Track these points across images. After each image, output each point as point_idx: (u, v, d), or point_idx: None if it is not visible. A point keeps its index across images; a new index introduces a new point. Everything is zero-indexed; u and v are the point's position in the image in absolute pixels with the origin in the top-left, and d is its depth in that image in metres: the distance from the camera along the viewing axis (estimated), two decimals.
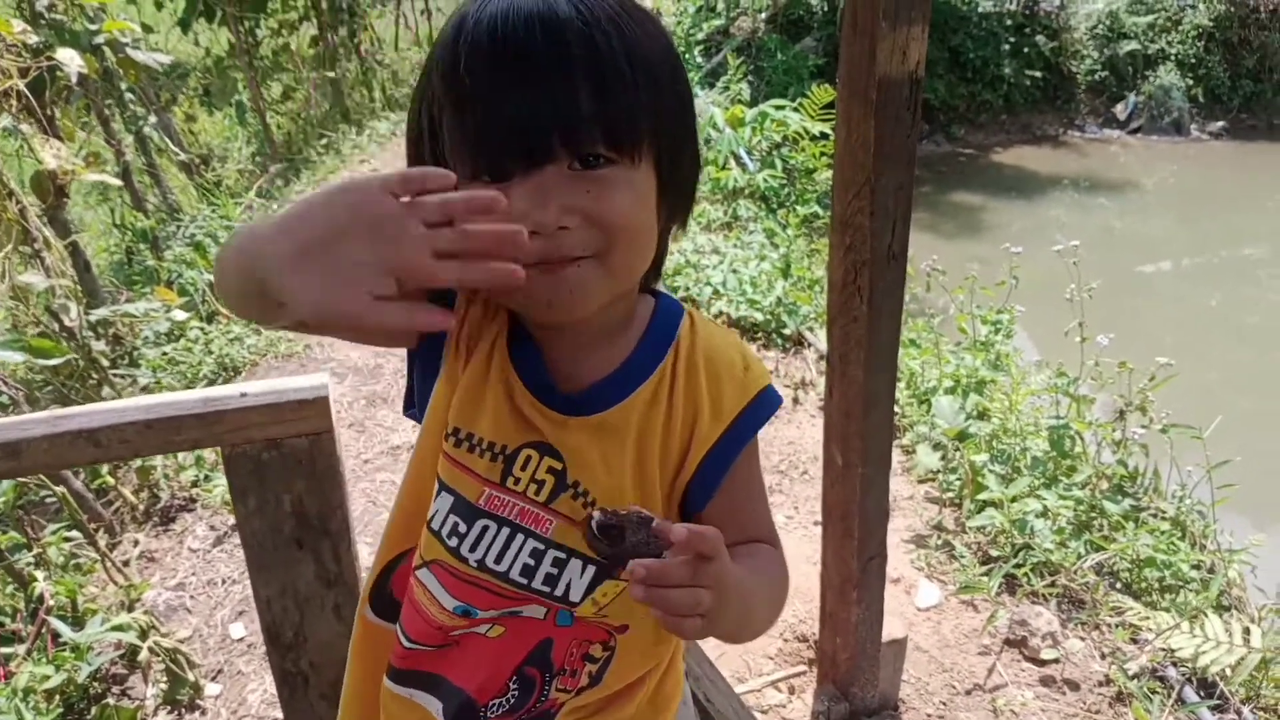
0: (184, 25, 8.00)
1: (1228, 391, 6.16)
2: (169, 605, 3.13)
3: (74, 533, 3.17)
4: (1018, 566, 3.04)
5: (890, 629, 2.51)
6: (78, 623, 2.89)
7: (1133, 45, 13.11)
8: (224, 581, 3.20)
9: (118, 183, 4.65)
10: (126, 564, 3.31)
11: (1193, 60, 13.06)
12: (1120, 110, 13.12)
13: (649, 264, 1.01)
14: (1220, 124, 12.97)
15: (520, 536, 1.04)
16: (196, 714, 2.72)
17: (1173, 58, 13.06)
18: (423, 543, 1.09)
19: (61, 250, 4.54)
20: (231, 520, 3.45)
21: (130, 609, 3.10)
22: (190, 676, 2.77)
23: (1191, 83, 12.98)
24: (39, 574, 2.92)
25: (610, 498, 1.01)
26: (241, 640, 2.95)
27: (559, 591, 1.04)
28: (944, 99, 12.52)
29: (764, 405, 1.08)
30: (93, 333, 4.44)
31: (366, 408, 4.18)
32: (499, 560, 1.04)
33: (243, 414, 1.63)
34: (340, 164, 8.30)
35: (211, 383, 4.46)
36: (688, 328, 1.08)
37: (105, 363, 4.28)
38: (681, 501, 1.08)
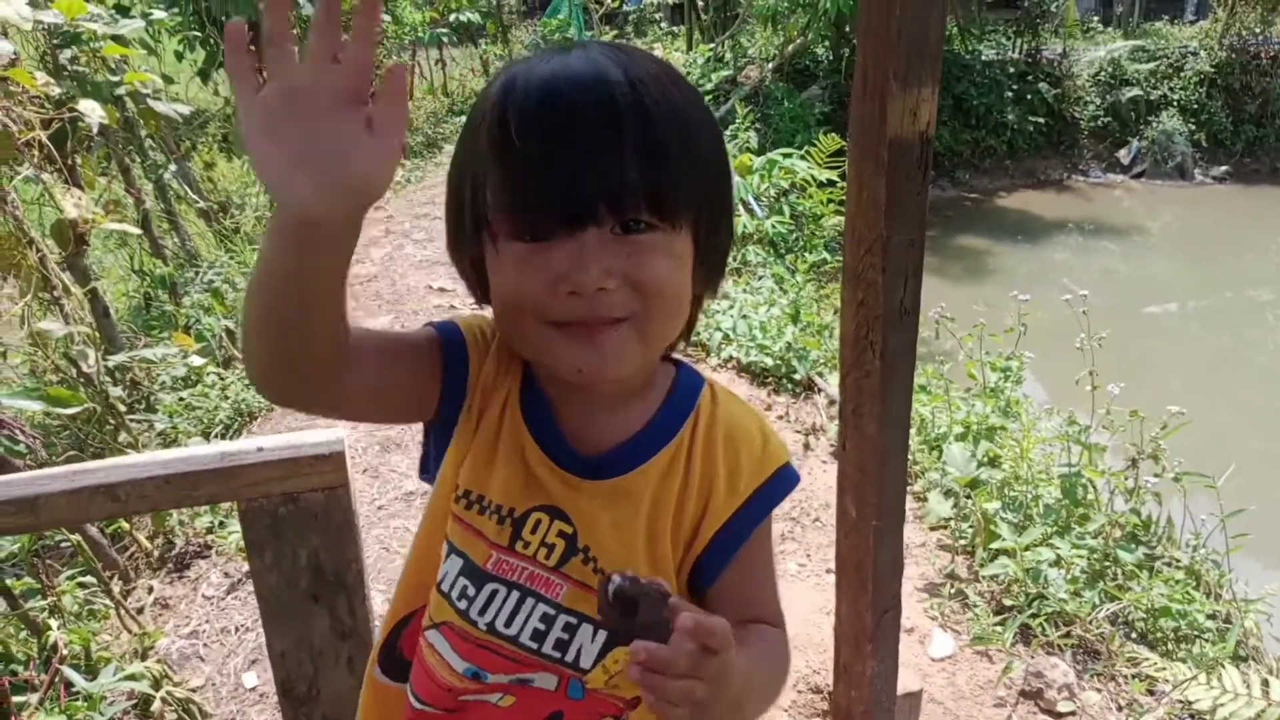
0: (203, 76, 8.14)
1: (1237, 433, 6.16)
2: (182, 653, 3.14)
3: (89, 578, 3.19)
4: (1033, 616, 3.04)
5: (905, 682, 2.50)
6: (91, 671, 2.89)
7: (1135, 91, 13.25)
8: (237, 629, 3.20)
9: (136, 231, 4.71)
10: (140, 611, 3.32)
11: (1195, 106, 13.18)
12: (1124, 155, 13.22)
13: (680, 331, 1.02)
14: (1224, 168, 13.05)
15: (530, 601, 1.03)
16: None
17: (1175, 103, 13.18)
18: (432, 604, 1.09)
19: (80, 297, 4.60)
20: (245, 567, 3.46)
21: (144, 657, 3.10)
22: None
23: (1194, 128, 13.09)
24: (53, 622, 2.93)
25: (620, 566, 0.98)
26: (254, 690, 2.95)
27: (570, 657, 1.03)
28: (949, 145, 12.63)
29: (781, 483, 1.08)
30: (110, 378, 4.49)
31: (380, 453, 4.21)
32: (509, 624, 1.03)
33: (260, 469, 1.64)
34: None
35: (228, 429, 4.49)
36: (708, 398, 1.09)
37: (122, 408, 4.32)
38: (691, 575, 1.07)
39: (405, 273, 6.57)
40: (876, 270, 2.00)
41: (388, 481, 3.97)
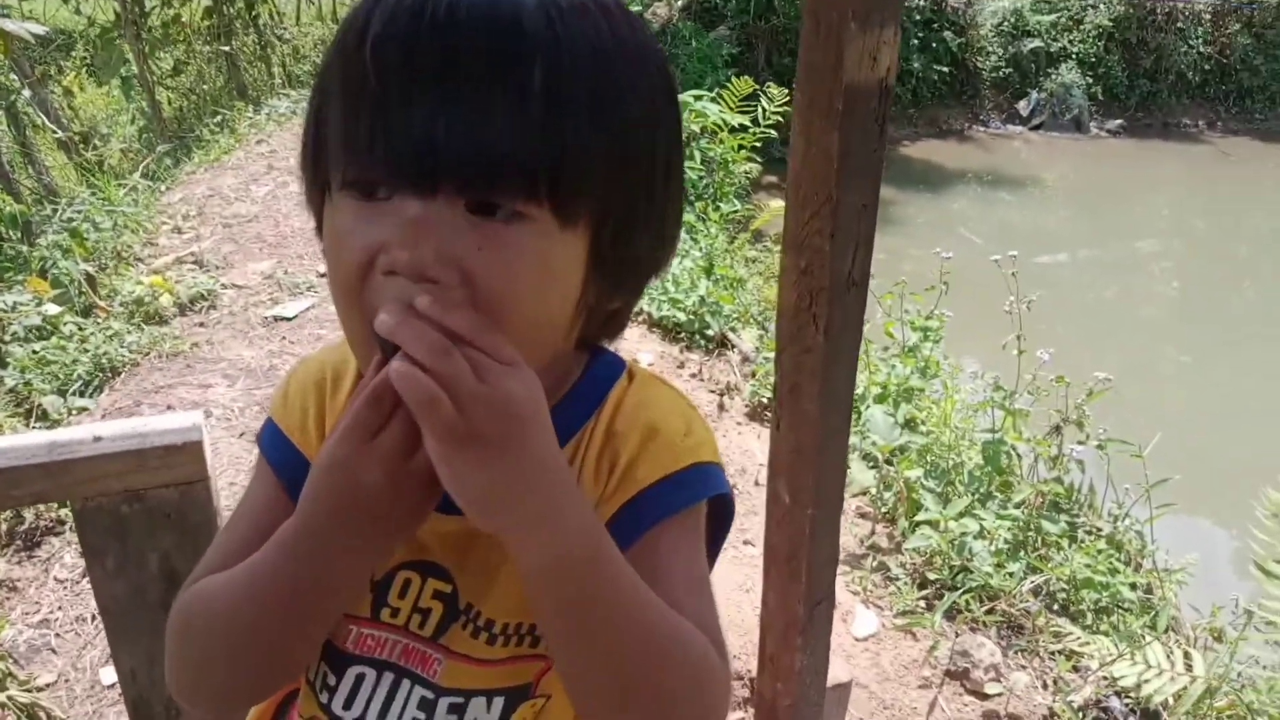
0: None
1: (1123, 382, 6.25)
2: (31, 645, 2.80)
3: None
4: (956, 591, 2.93)
5: (834, 672, 2.35)
6: None
7: (1036, 43, 13.36)
8: (94, 618, 2.87)
9: None
10: None
11: (1093, 59, 13.38)
12: (1023, 107, 13.37)
13: (548, 350, 0.77)
14: (1118, 122, 13.32)
15: (405, 684, 0.84)
16: None
17: (1074, 56, 13.34)
18: (301, 695, 0.89)
19: None
20: None
21: None
22: None
23: (1091, 81, 13.29)
24: None
25: (518, 620, 0.83)
26: (113, 687, 2.64)
27: None
28: None
29: (695, 483, 0.83)
30: None
31: (259, 415, 3.85)
32: (382, 717, 0.84)
33: (97, 462, 1.40)
34: (235, 143, 7.83)
35: (87, 385, 4.08)
36: (621, 389, 0.87)
37: None
38: None
39: (289, 213, 6.12)
40: (823, 236, 1.77)
41: None
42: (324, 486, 0.72)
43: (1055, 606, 3.03)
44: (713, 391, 4.16)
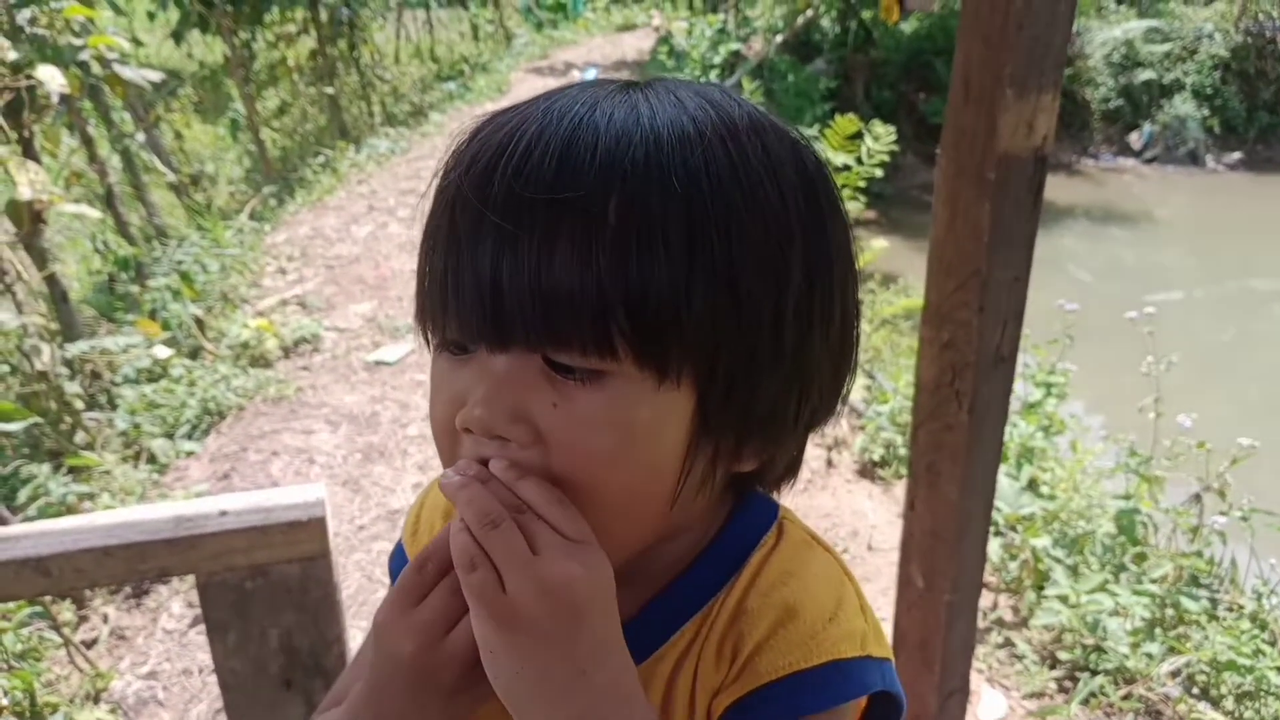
0: (177, 38, 7.70)
1: (1237, 427, 5.90)
2: (139, 697, 2.80)
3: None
4: (1090, 673, 2.73)
5: None
6: (36, 717, 2.57)
7: (1149, 74, 12.91)
8: (200, 671, 2.86)
9: (97, 214, 4.32)
10: (93, 644, 2.98)
11: (1209, 91, 12.85)
12: (1135, 139, 12.90)
13: (645, 521, 0.67)
14: (1236, 155, 12.73)
15: None
16: None
17: (1189, 87, 12.84)
18: None
19: (37, 283, 4.22)
20: None
21: (96, 700, 2.78)
22: None
23: (1208, 113, 12.75)
24: None
25: None
26: None
27: None
28: None
29: (836, 682, 0.68)
30: (69, 370, 4.12)
31: (363, 463, 3.85)
32: None
33: (222, 538, 1.39)
34: (337, 183, 7.97)
35: (194, 428, 4.13)
36: (764, 554, 0.73)
37: (80, 405, 3.96)
38: None
39: (389, 254, 6.18)
40: (970, 310, 1.66)
41: (370, 496, 3.61)
42: (373, 651, 0.68)
43: (1195, 690, 2.81)
44: (819, 445, 4.02)
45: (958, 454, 1.76)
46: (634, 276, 0.57)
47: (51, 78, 4.08)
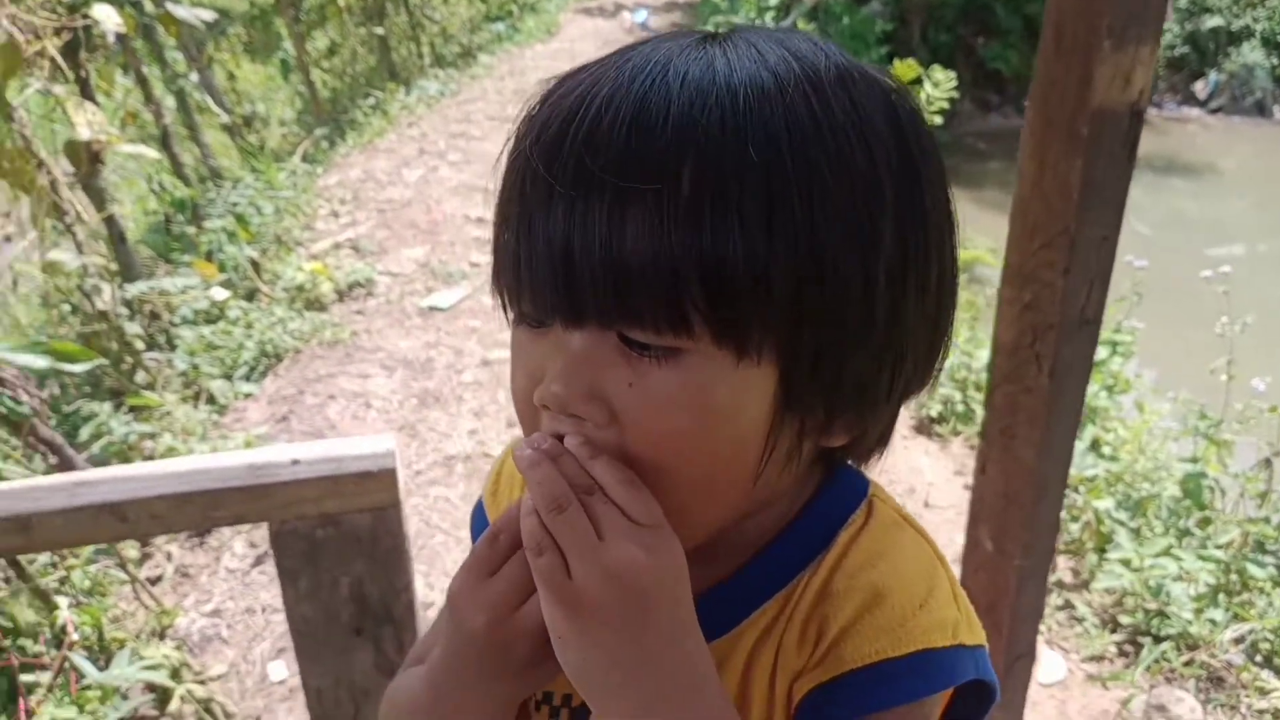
0: None
1: None
2: (203, 634, 2.87)
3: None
4: (1154, 639, 2.69)
5: None
6: (104, 651, 2.64)
7: (1216, 21, 12.44)
8: (263, 610, 2.92)
9: (155, 155, 4.35)
10: (158, 581, 3.05)
11: (1279, 39, 12.38)
12: (1200, 88, 12.49)
13: (725, 501, 0.64)
14: None
15: None
16: None
17: (1258, 35, 12.37)
18: None
19: (95, 223, 4.26)
20: None
21: (161, 636, 2.85)
22: None
23: (1277, 62, 12.30)
24: (62, 600, 2.65)
25: None
26: (282, 683, 2.68)
27: None
28: (1017, 70, 11.91)
29: (925, 672, 0.65)
30: (127, 310, 4.17)
31: (418, 408, 3.87)
32: None
33: (295, 487, 1.40)
34: (387, 125, 7.94)
35: (252, 370, 4.18)
36: (852, 532, 0.69)
37: (140, 346, 4.01)
38: None
39: (441, 198, 6.16)
40: (1055, 270, 1.60)
41: (426, 442, 3.63)
42: (448, 621, 0.68)
43: (1258, 658, 2.77)
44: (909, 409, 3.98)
45: (1036, 418, 1.72)
46: (709, 248, 0.54)
47: (107, 17, 4.07)
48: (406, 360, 4.21)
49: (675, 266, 0.54)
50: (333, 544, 1.44)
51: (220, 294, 4.49)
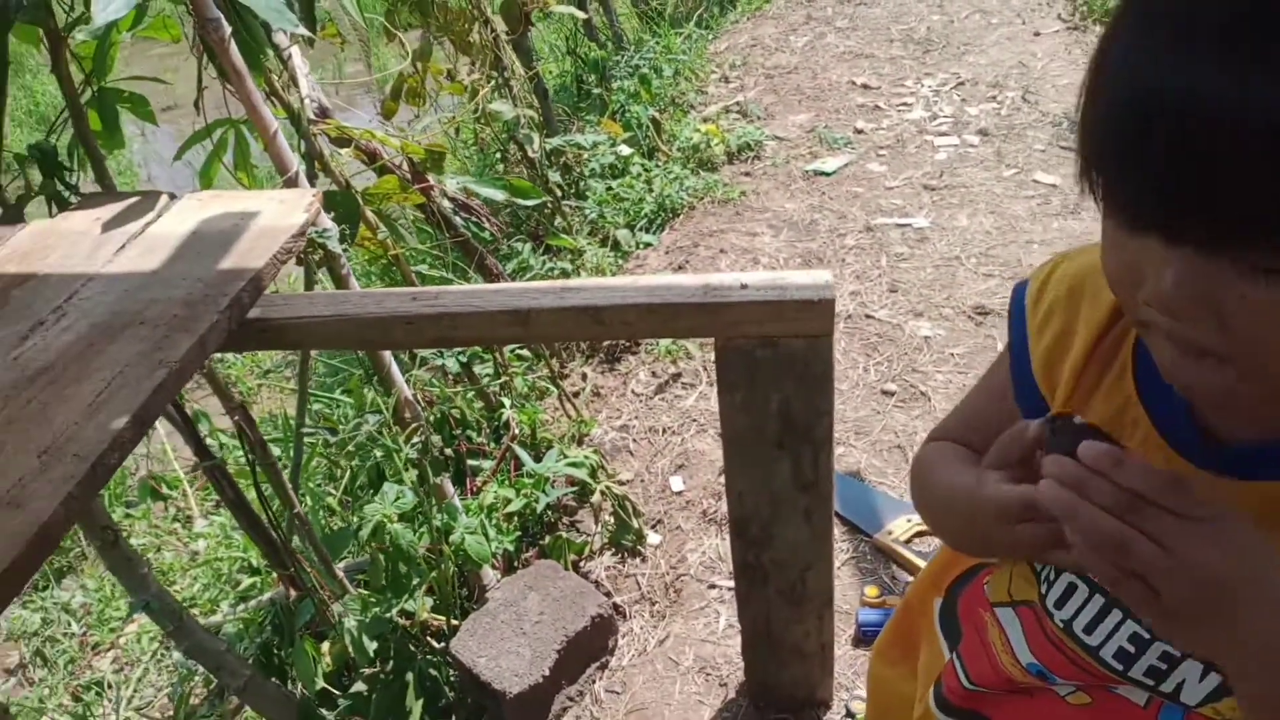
0: None
1: None
2: (614, 445, 3.27)
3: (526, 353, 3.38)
4: None
5: None
6: (535, 449, 3.09)
7: None
8: (664, 431, 3.28)
9: (583, 15, 4.72)
10: (576, 396, 3.49)
11: None
12: None
13: None
14: None
15: (1117, 614, 0.81)
16: (637, 560, 2.84)
17: None
18: (1013, 575, 0.92)
19: (526, 78, 4.73)
20: (672, 369, 3.52)
21: (580, 443, 3.27)
22: (634, 524, 2.88)
23: None
24: (505, 400, 3.13)
25: None
26: (680, 495, 3.02)
27: (1166, 688, 0.80)
28: None
29: None
30: (549, 161, 4.64)
31: (802, 268, 4.06)
32: (1089, 631, 0.83)
33: (743, 308, 1.56)
34: None
35: (651, 223, 4.54)
36: None
37: (559, 193, 4.47)
38: None
39: (827, 65, 6.18)
40: None
41: None
42: (970, 495, 0.81)
43: None
44: None
45: None
46: None
47: None
48: (792, 221, 4.38)
49: None
50: (769, 364, 1.59)
51: (625, 150, 4.86)
